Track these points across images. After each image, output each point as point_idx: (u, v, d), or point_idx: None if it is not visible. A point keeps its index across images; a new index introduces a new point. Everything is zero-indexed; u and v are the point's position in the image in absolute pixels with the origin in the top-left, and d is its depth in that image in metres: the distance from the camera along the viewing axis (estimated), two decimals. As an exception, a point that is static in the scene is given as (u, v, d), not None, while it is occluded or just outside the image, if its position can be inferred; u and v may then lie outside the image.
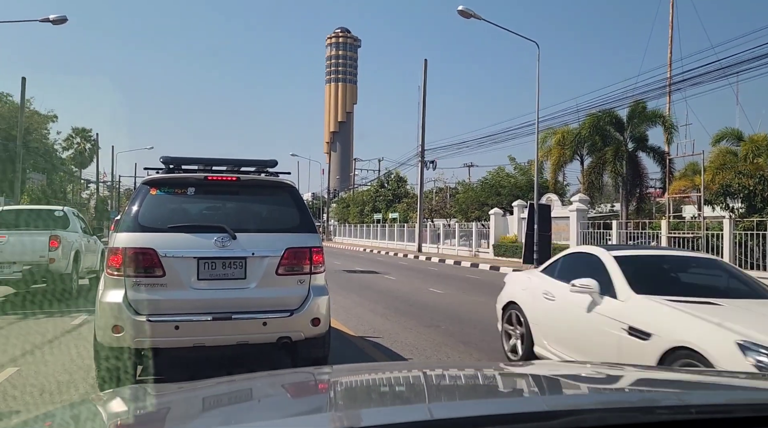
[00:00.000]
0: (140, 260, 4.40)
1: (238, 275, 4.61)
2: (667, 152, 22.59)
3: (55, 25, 19.49)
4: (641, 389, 1.83)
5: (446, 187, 44.22)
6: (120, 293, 4.38)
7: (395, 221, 43.43)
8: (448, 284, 15.53)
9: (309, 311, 4.70)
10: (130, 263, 4.39)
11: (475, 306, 10.91)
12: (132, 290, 4.39)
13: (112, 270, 4.44)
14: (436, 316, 9.42)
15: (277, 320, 4.63)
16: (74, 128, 55.41)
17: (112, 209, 54.47)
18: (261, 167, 5.40)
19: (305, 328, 4.69)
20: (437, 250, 32.78)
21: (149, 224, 4.56)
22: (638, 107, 21.61)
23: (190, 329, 4.45)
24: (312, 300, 4.74)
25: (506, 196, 29.39)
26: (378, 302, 11.21)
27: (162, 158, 5.19)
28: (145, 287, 4.42)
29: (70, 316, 8.61)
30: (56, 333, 7.41)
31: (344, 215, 59.40)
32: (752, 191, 16.62)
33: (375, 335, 7.63)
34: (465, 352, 6.69)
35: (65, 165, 49.44)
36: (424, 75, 33.41)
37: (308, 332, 4.71)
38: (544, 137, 25.48)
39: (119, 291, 4.39)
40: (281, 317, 4.63)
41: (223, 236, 4.57)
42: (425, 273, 19.49)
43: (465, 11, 20.78)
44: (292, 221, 4.91)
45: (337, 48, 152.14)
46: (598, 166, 22.92)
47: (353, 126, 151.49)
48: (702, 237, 15.94)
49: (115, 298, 4.38)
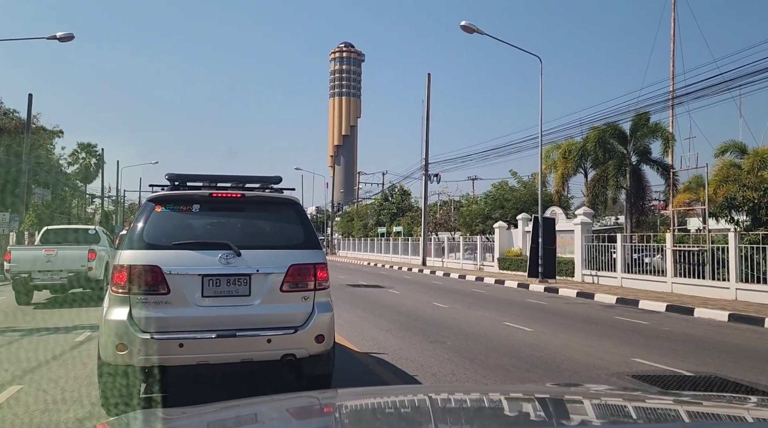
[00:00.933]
0: (145, 278, 4.40)
1: (242, 292, 4.60)
2: (671, 165, 22.56)
3: (62, 42, 19.72)
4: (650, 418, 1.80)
5: (450, 200, 44.19)
6: (125, 311, 4.37)
7: (399, 235, 43.40)
8: (452, 298, 15.46)
9: (313, 328, 4.68)
10: (134, 280, 4.39)
11: (480, 321, 10.85)
12: (137, 308, 4.38)
13: (116, 288, 4.43)
14: (441, 332, 9.36)
15: (282, 337, 4.59)
16: (80, 143, 55.73)
17: (116, 224, 54.65)
18: (265, 183, 5.41)
19: (309, 345, 4.66)
20: (442, 264, 32.69)
21: (154, 241, 4.57)
22: (641, 119, 21.61)
23: (194, 346, 4.42)
24: (316, 317, 4.71)
25: (510, 209, 29.35)
26: (382, 317, 11.15)
27: (167, 175, 5.18)
28: (149, 305, 4.40)
29: (74, 333, 8.61)
30: (60, 350, 7.39)
31: (348, 228, 59.43)
32: (757, 203, 16.54)
33: (379, 351, 7.58)
34: (471, 369, 6.63)
35: (70, 180, 49.71)
36: (427, 89, 33.60)
37: (312, 349, 4.67)
38: (548, 150, 25.50)
39: (124, 309, 4.38)
40: (285, 334, 4.60)
41: (227, 253, 4.57)
42: (430, 287, 19.41)
43: (468, 26, 20.93)
44: (297, 238, 4.91)
45: (341, 62, 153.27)
46: (602, 179, 22.90)
47: (357, 140, 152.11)
48: (707, 250, 15.83)
49: (120, 316, 4.36)
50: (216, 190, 5.08)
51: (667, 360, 7.34)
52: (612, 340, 8.89)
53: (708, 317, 12.18)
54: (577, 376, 6.40)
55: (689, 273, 16.39)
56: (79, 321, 9.85)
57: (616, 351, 7.97)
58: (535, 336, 9.19)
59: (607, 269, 19.65)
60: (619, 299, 15.00)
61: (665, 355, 7.68)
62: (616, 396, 2.34)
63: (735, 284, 14.73)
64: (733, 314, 11.83)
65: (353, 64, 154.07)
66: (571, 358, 7.36)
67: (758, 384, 6.20)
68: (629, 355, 7.60)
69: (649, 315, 12.45)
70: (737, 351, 8.26)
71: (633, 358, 7.40)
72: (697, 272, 16.14)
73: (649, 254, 18.91)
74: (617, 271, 19.10)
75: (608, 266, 19.64)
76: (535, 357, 7.36)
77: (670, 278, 16.92)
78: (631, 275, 18.61)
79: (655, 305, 13.73)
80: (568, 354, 7.61)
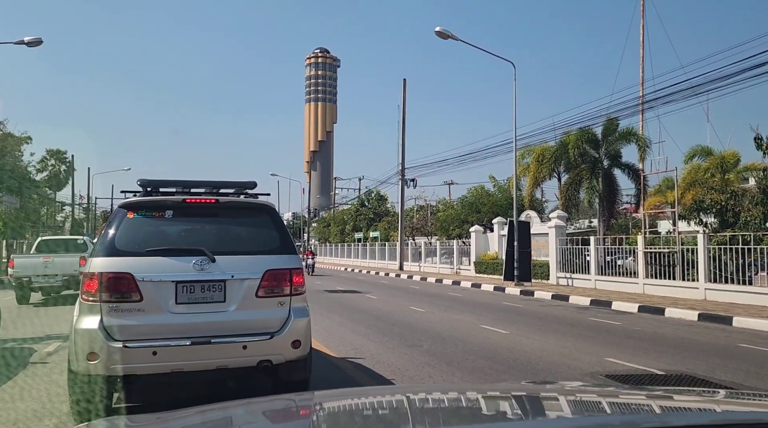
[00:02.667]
0: (116, 285, 4.32)
1: (217, 299, 4.54)
2: (641, 169, 23.06)
3: (30, 47, 19.32)
4: (624, 411, 1.85)
5: (427, 205, 44.40)
6: (96, 320, 4.26)
7: (376, 240, 43.41)
8: (430, 302, 15.52)
9: (289, 334, 4.64)
10: (106, 288, 4.30)
11: (457, 324, 10.91)
12: (108, 316, 4.28)
13: (87, 296, 4.32)
14: (418, 336, 9.39)
15: (258, 343, 4.54)
16: (48, 149, 54.44)
17: (87, 231, 53.52)
18: (240, 188, 5.35)
19: (286, 351, 4.63)
20: (419, 268, 32.79)
21: (126, 248, 4.49)
22: (612, 125, 22.06)
23: (168, 354, 4.35)
24: (292, 322, 4.68)
25: (486, 213, 29.64)
26: (360, 322, 11.15)
27: (139, 181, 5.08)
28: (121, 313, 4.31)
29: (44, 343, 8.40)
30: (29, 361, 7.21)
31: (325, 234, 59.22)
32: (724, 206, 17.02)
33: (357, 356, 7.57)
34: (448, 372, 6.67)
35: (39, 187, 48.55)
36: (403, 94, 33.76)
37: (289, 354, 4.64)
38: (522, 154, 25.82)
39: (95, 317, 4.27)
40: (261, 340, 4.56)
41: (201, 259, 4.51)
42: (407, 292, 19.46)
43: (442, 32, 21.11)
44: (272, 243, 4.88)
45: (316, 68, 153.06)
46: (575, 182, 23.28)
47: (333, 145, 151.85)
48: (677, 252, 16.20)
49: (91, 324, 4.26)
50: (189, 195, 5.01)
51: (639, 359, 7.49)
52: (586, 341, 9.03)
53: (678, 316, 12.46)
54: (553, 376, 6.50)
55: (660, 274, 16.74)
56: (50, 331, 9.62)
57: (590, 351, 8.10)
58: (511, 338, 9.28)
59: (581, 272, 19.96)
60: (593, 301, 15.25)
61: (637, 355, 7.83)
62: (590, 392, 2.38)
63: (704, 284, 15.10)
64: (702, 313, 12.12)
65: (329, 70, 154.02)
66: (547, 359, 7.46)
67: (726, 381, 6.36)
68: (603, 355, 7.74)
69: (622, 316, 12.68)
70: (707, 349, 8.47)
71: (606, 358, 7.53)
72: (667, 273, 16.51)
73: (622, 256, 19.28)
74: (591, 273, 19.41)
75: (582, 269, 19.95)
76: (512, 359, 7.44)
77: (642, 280, 17.26)
78: (604, 277, 18.94)
79: (628, 306, 13.99)
80: (544, 356, 7.71)
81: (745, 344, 8.91)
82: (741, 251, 14.21)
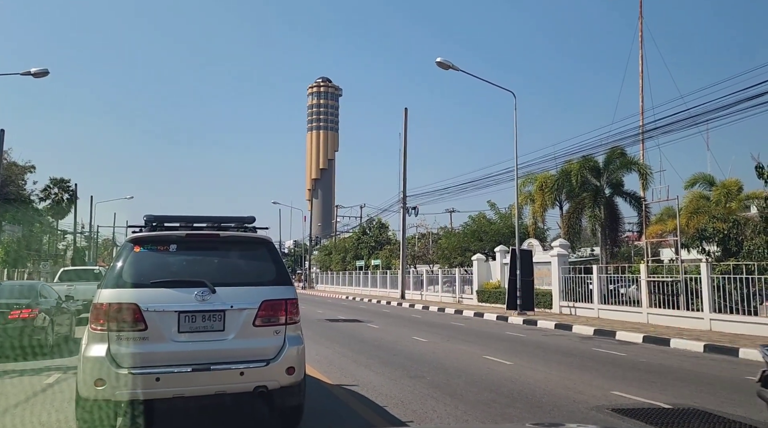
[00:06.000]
0: (123, 315, 4.53)
1: (217, 327, 4.76)
2: (643, 197, 23.09)
3: (36, 78, 19.60)
4: None
5: (428, 233, 44.36)
6: (103, 348, 4.48)
7: (378, 268, 43.27)
8: (432, 332, 15.38)
9: (284, 361, 4.85)
10: (113, 318, 4.52)
11: (459, 355, 10.79)
12: (115, 344, 4.49)
13: (95, 325, 4.54)
14: (420, 366, 9.28)
15: (254, 369, 4.75)
16: (52, 178, 54.74)
17: (89, 260, 53.42)
18: (239, 223, 5.63)
19: (281, 377, 4.83)
20: (420, 296, 32.61)
21: (133, 280, 4.72)
22: (614, 152, 22.17)
23: (170, 380, 4.54)
24: (287, 350, 4.89)
25: (488, 242, 29.59)
26: (361, 352, 11.03)
27: (145, 217, 5.38)
28: (127, 341, 4.52)
29: (44, 374, 8.31)
30: (28, 393, 7.12)
31: (326, 262, 59.06)
32: (726, 234, 16.99)
33: (359, 387, 7.47)
34: (451, 405, 6.56)
35: (42, 216, 48.67)
36: (404, 123, 34.09)
37: (284, 380, 4.84)
38: (523, 182, 25.91)
39: (102, 345, 4.49)
40: (258, 367, 4.77)
41: (203, 291, 4.75)
42: (409, 321, 19.30)
43: (443, 63, 21.42)
44: (269, 275, 5.12)
45: (318, 97, 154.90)
46: (576, 210, 23.29)
47: (335, 173, 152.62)
48: (680, 281, 16.11)
49: (98, 352, 4.46)
50: (192, 230, 5.30)
51: (646, 392, 7.37)
52: (591, 373, 8.91)
53: (684, 347, 12.32)
54: (558, 410, 6.38)
55: (664, 304, 16.62)
56: (50, 362, 9.53)
57: (595, 383, 7.98)
58: (515, 369, 9.16)
59: (584, 300, 19.83)
60: (596, 331, 15.10)
61: (643, 387, 7.72)
62: None
63: (709, 314, 14.97)
64: (708, 344, 11.99)
65: (331, 99, 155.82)
66: (552, 392, 7.35)
67: (736, 415, 6.25)
68: (608, 388, 7.62)
69: (627, 347, 12.54)
70: (714, 381, 8.34)
71: (612, 391, 7.41)
72: (671, 302, 16.39)
73: (624, 284, 19.16)
74: (594, 302, 19.28)
75: (585, 298, 19.83)
76: (516, 392, 7.33)
77: (646, 309, 17.13)
78: (607, 306, 18.80)
79: (632, 336, 13.85)
80: (548, 388, 7.60)
81: (752, 376, 8.74)
82: (745, 281, 14.12)
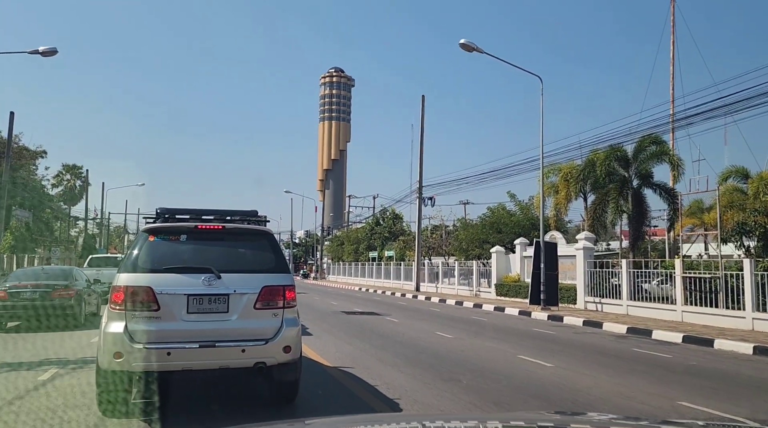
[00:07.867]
0: (139, 297, 5.08)
1: (221, 309, 5.31)
2: (673, 188, 22.02)
3: (45, 57, 18.91)
4: None
5: (443, 224, 43.42)
6: (121, 325, 5.04)
7: (391, 259, 42.49)
8: (454, 327, 14.57)
9: (282, 340, 5.39)
10: (130, 299, 5.08)
11: (491, 354, 9.98)
12: (131, 322, 5.05)
13: (114, 305, 5.11)
14: (452, 367, 8.46)
15: (254, 347, 5.30)
16: (64, 164, 54.68)
17: (100, 246, 53.20)
18: (243, 216, 6.26)
19: (278, 354, 5.36)
20: (436, 289, 31.81)
21: (148, 266, 5.31)
22: (644, 142, 21.09)
23: (180, 355, 5.10)
24: (284, 331, 5.43)
25: (508, 234, 28.56)
26: (385, 349, 10.24)
27: (158, 210, 6.04)
28: (142, 320, 5.08)
29: (39, 370, 7.58)
30: (21, 391, 6.41)
31: (338, 253, 58.35)
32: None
33: (389, 393, 6.67)
34: (497, 415, 5.75)
35: (53, 202, 48.39)
36: (422, 111, 33.09)
37: (281, 358, 5.38)
38: (547, 172, 24.92)
39: (120, 323, 5.05)
40: (257, 345, 5.31)
41: (209, 276, 5.29)
42: (428, 314, 18.51)
43: (467, 44, 20.47)
44: (269, 264, 5.70)
45: (331, 87, 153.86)
46: (602, 202, 22.26)
47: (347, 164, 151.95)
48: (720, 278, 15.14)
49: (117, 329, 5.02)
50: (200, 222, 5.83)
51: (716, 403, 6.50)
52: (643, 377, 8.05)
53: (730, 349, 11.41)
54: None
55: (700, 301, 15.66)
56: (45, 355, 8.82)
57: (653, 391, 7.12)
58: (557, 372, 8.32)
59: (611, 296, 18.89)
60: (630, 329, 14.21)
61: (710, 396, 6.85)
62: (621, 425, 2.22)
63: (751, 313, 14.00)
64: (758, 346, 11.06)
65: (343, 89, 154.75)
66: (609, 401, 6.50)
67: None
68: (672, 397, 6.75)
69: (668, 347, 11.65)
70: (783, 390, 7.45)
71: (678, 401, 6.54)
72: (708, 300, 15.41)
73: (648, 280, 18.14)
74: (622, 298, 18.33)
75: (612, 293, 18.88)
76: (568, 400, 6.49)
77: (680, 307, 16.16)
78: (637, 302, 17.84)
79: (670, 336, 12.95)
80: (604, 396, 6.75)
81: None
82: (793, 278, 13.15)
